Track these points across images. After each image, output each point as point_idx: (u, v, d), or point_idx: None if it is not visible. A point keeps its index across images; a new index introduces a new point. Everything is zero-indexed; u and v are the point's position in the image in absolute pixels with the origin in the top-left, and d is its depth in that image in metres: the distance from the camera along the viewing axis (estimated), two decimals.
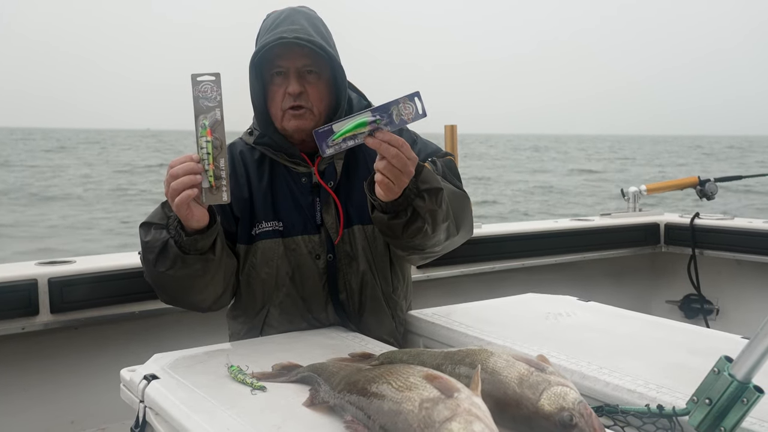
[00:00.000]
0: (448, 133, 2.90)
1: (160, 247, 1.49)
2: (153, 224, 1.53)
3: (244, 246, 1.69)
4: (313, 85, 1.63)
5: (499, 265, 2.90)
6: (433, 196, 1.47)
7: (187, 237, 1.47)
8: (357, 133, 1.33)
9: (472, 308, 1.88)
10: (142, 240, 1.55)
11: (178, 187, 1.38)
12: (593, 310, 1.86)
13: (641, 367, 1.35)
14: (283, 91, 1.62)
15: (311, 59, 1.61)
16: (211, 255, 1.52)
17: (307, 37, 1.58)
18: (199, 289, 1.58)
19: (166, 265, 1.50)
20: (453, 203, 1.58)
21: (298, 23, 1.60)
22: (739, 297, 3.14)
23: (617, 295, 2.99)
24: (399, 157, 1.35)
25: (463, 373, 1.14)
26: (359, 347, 1.52)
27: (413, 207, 1.45)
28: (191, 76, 1.37)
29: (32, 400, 2.15)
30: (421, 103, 1.33)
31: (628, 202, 3.54)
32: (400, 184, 1.39)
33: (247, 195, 1.70)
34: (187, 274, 1.52)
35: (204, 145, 1.38)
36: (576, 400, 1.03)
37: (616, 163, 37.82)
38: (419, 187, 1.44)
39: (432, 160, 1.68)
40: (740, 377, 1.02)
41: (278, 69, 1.62)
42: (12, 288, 1.99)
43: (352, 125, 1.32)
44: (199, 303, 1.64)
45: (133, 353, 1.61)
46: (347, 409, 1.07)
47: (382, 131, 1.34)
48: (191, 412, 1.15)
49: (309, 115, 1.63)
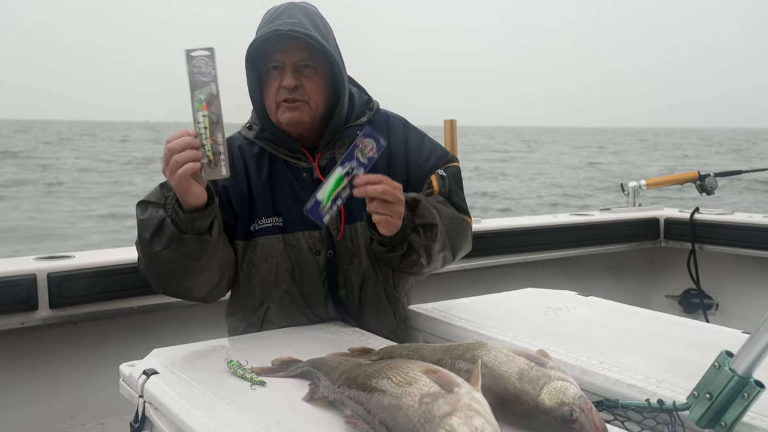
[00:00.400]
0: (448, 127, 2.89)
1: (156, 225, 1.46)
2: (150, 203, 1.50)
3: (243, 242, 1.68)
4: (309, 79, 1.61)
5: (499, 260, 2.90)
6: (428, 231, 1.54)
7: (184, 215, 1.44)
8: (340, 191, 1.40)
9: (472, 303, 1.87)
10: (138, 218, 1.51)
11: (179, 160, 1.35)
12: (593, 305, 1.86)
13: (641, 362, 1.35)
14: (278, 84, 1.60)
15: (308, 53, 1.60)
16: (208, 236, 1.49)
17: (304, 30, 1.56)
18: (193, 274, 1.54)
19: (162, 244, 1.46)
20: (451, 229, 1.63)
21: (295, 17, 1.59)
22: (739, 292, 3.14)
23: (617, 289, 2.99)
24: (386, 191, 1.41)
25: (462, 367, 1.14)
26: (359, 342, 1.51)
27: (409, 241, 1.52)
28: (185, 51, 1.36)
29: (31, 395, 2.15)
30: (375, 136, 1.41)
31: (627, 197, 3.54)
32: (398, 215, 1.46)
33: (246, 190, 1.68)
34: (182, 255, 1.48)
35: (201, 119, 1.36)
36: (576, 395, 1.02)
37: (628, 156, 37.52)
38: (415, 221, 1.52)
39: (440, 175, 1.72)
40: (741, 372, 1.01)
41: (274, 63, 1.60)
42: (11, 283, 1.99)
43: (332, 185, 1.39)
44: (193, 290, 1.60)
45: (132, 348, 1.61)
46: (347, 403, 1.07)
47: (359, 177, 1.40)
48: (190, 407, 1.15)
49: (305, 107, 1.62)
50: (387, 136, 1.72)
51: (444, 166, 1.75)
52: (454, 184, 1.75)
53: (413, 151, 1.75)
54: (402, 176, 1.70)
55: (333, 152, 1.69)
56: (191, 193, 1.40)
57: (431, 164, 1.74)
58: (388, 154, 1.71)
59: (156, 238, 1.47)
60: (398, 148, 1.73)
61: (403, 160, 1.72)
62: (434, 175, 1.72)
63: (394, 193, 1.42)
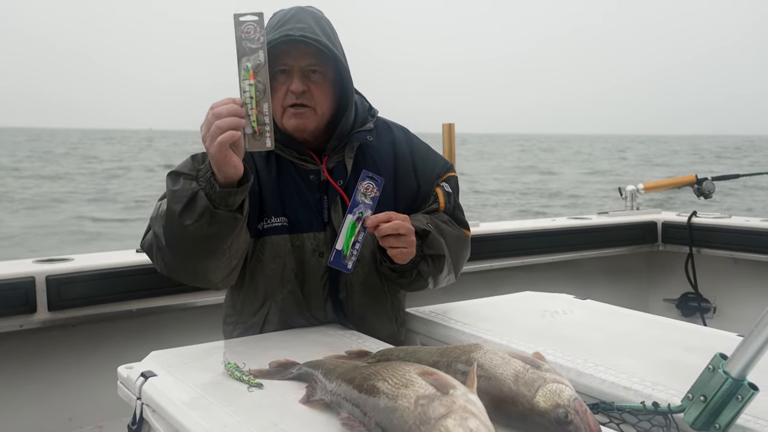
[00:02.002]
0: (446, 131, 2.90)
1: (189, 197, 1.41)
2: (182, 174, 1.45)
3: (252, 240, 1.66)
4: (317, 84, 1.61)
5: (497, 264, 2.91)
6: (436, 260, 1.62)
7: (220, 189, 1.39)
8: (356, 236, 1.47)
9: (470, 306, 1.88)
10: (169, 189, 1.46)
11: (222, 126, 1.31)
12: (590, 308, 1.86)
13: (637, 365, 1.35)
14: (286, 88, 1.60)
15: (316, 59, 1.60)
16: (239, 214, 1.44)
17: (314, 36, 1.56)
18: (217, 254, 1.49)
19: (193, 218, 1.40)
20: (455, 251, 1.69)
21: (305, 22, 1.59)
22: (736, 295, 3.15)
23: (615, 293, 3.00)
24: (399, 226, 1.48)
25: (459, 370, 1.15)
26: (356, 345, 1.52)
27: (418, 269, 1.61)
28: (234, 15, 1.33)
29: (30, 398, 2.15)
30: (372, 176, 1.48)
31: (625, 200, 3.55)
32: (411, 244, 1.52)
33: (256, 187, 1.65)
34: (212, 232, 1.43)
35: (247, 88, 1.32)
36: (571, 397, 1.03)
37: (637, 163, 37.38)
38: (424, 251, 1.59)
39: (446, 191, 1.77)
40: (735, 374, 1.02)
41: (282, 67, 1.59)
42: (10, 286, 2.00)
43: (347, 233, 1.47)
44: (209, 272, 1.54)
45: (130, 351, 1.61)
46: (343, 405, 1.08)
47: (369, 219, 1.48)
48: (188, 409, 1.16)
49: (311, 114, 1.61)
50: (392, 144, 1.76)
51: (445, 176, 1.79)
52: (456, 199, 1.80)
53: (419, 161, 1.77)
54: (412, 186, 1.74)
55: (341, 156, 1.69)
56: (230, 162, 1.35)
57: (435, 174, 1.78)
58: (394, 164, 1.73)
59: (187, 211, 1.41)
60: (404, 157, 1.76)
61: (411, 170, 1.75)
62: (440, 190, 1.77)
63: (405, 226, 1.49)
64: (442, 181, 1.78)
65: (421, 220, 1.62)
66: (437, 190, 1.76)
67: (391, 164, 1.73)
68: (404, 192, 1.73)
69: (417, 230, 1.55)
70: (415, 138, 1.83)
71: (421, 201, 1.75)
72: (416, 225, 1.56)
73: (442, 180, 1.79)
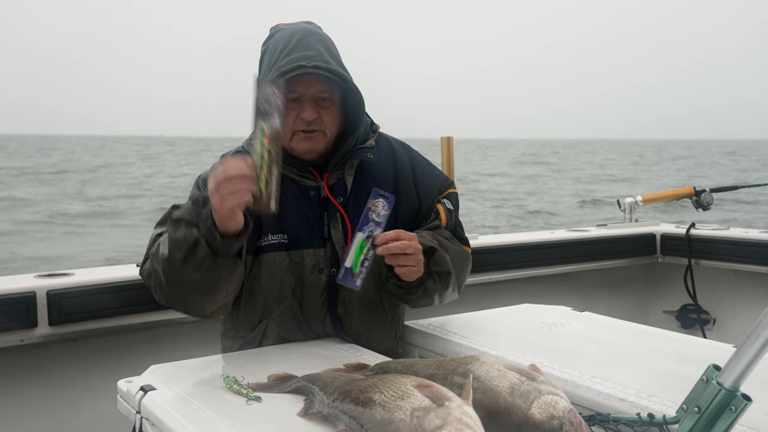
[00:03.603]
0: (445, 144, 2.92)
1: (191, 245, 1.44)
2: (184, 221, 1.47)
3: (249, 257, 1.67)
4: (327, 110, 1.64)
5: (496, 276, 2.91)
6: (443, 277, 1.64)
7: (221, 239, 1.42)
8: (366, 254, 1.48)
9: (468, 319, 1.89)
10: (170, 236, 1.49)
11: (235, 188, 1.35)
12: (587, 320, 1.87)
13: (633, 376, 1.36)
14: (296, 114, 1.62)
15: (326, 85, 1.62)
16: (239, 260, 1.49)
17: (326, 66, 1.59)
18: (214, 294, 1.54)
19: (194, 265, 1.45)
20: (458, 268, 1.70)
21: (313, 48, 1.60)
22: (736, 307, 3.15)
23: (614, 305, 3.00)
24: (407, 246, 1.50)
25: (455, 382, 1.16)
26: (354, 358, 1.53)
27: (424, 286, 1.62)
28: (254, 77, 1.38)
29: (30, 412, 2.15)
30: (383, 194, 1.50)
31: (624, 212, 3.56)
32: (419, 263, 1.54)
33: None
34: (213, 278, 1.48)
35: (261, 151, 1.35)
36: (566, 409, 1.04)
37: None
38: (431, 268, 1.60)
39: (448, 208, 1.79)
40: (728, 385, 1.03)
41: (294, 95, 1.61)
42: (10, 300, 2.01)
43: (357, 251, 1.48)
44: (206, 308, 1.59)
45: (131, 365, 1.62)
46: (341, 418, 1.09)
47: (378, 237, 1.49)
48: (187, 423, 1.16)
49: (321, 137, 1.65)
50: (392, 160, 1.77)
51: (446, 192, 1.81)
52: (456, 214, 1.82)
53: (420, 177, 1.79)
54: (414, 201, 1.76)
55: (341, 172, 1.71)
56: (235, 218, 1.40)
57: (436, 190, 1.80)
58: (395, 180, 1.75)
59: (189, 259, 1.45)
60: (405, 172, 1.77)
61: (412, 185, 1.77)
62: (441, 207, 1.78)
63: (412, 245, 1.51)
64: (443, 198, 1.80)
65: (426, 237, 1.64)
66: (438, 206, 1.78)
67: (391, 180, 1.74)
68: (406, 208, 1.74)
69: (424, 248, 1.56)
70: (416, 154, 1.85)
71: (423, 217, 1.77)
72: (423, 243, 1.57)
73: (443, 196, 1.80)
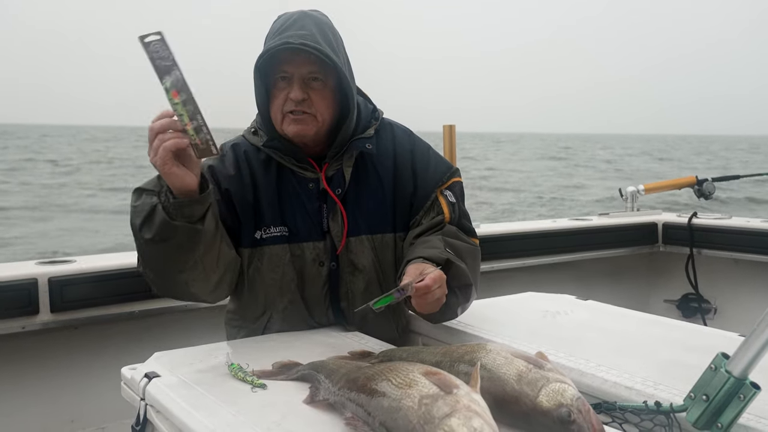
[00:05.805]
0: (447, 132, 2.91)
1: (147, 211, 1.42)
2: (145, 190, 1.45)
3: (248, 250, 1.66)
4: (317, 91, 1.60)
5: (499, 265, 2.92)
6: (464, 290, 1.58)
7: (174, 200, 1.40)
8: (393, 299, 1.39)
9: (472, 307, 1.88)
10: (131, 205, 1.47)
11: (162, 138, 1.34)
12: (591, 309, 1.87)
13: (639, 365, 1.36)
14: (285, 95, 1.59)
15: (317, 66, 1.58)
16: (200, 225, 1.44)
17: (314, 44, 1.54)
18: (188, 266, 1.48)
19: (152, 231, 1.42)
20: (471, 266, 1.62)
21: (306, 28, 1.57)
22: (737, 296, 3.15)
23: (616, 294, 3.00)
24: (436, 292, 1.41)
25: (462, 370, 1.15)
26: (359, 346, 1.53)
27: (447, 303, 1.51)
28: (138, 38, 1.33)
29: (32, 399, 2.15)
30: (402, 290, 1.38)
31: (626, 201, 3.56)
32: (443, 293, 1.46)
33: (251, 198, 1.65)
34: (173, 245, 1.43)
35: (174, 108, 1.33)
36: (574, 397, 1.03)
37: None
38: (451, 284, 1.50)
39: (450, 201, 1.71)
40: (737, 374, 1.02)
41: (283, 74, 1.59)
42: (12, 287, 2.00)
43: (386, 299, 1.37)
44: (189, 284, 1.52)
45: (132, 353, 1.62)
46: (347, 406, 1.08)
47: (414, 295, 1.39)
48: (192, 410, 1.16)
49: (311, 121, 1.60)
50: (392, 146, 1.74)
51: (449, 182, 1.74)
52: (462, 204, 1.76)
53: (419, 163, 1.74)
54: (409, 188, 1.71)
55: (340, 163, 1.68)
56: (174, 173, 1.37)
57: (437, 178, 1.73)
58: (394, 166, 1.72)
59: (146, 225, 1.42)
60: (404, 158, 1.73)
61: (410, 172, 1.72)
62: (443, 199, 1.71)
63: (441, 292, 1.44)
64: (446, 188, 1.73)
65: (439, 246, 1.56)
66: (441, 199, 1.71)
67: (390, 168, 1.71)
68: (402, 194, 1.71)
69: (440, 261, 1.50)
70: (418, 140, 1.80)
71: (419, 204, 1.71)
72: (438, 256, 1.51)
73: (446, 186, 1.74)
